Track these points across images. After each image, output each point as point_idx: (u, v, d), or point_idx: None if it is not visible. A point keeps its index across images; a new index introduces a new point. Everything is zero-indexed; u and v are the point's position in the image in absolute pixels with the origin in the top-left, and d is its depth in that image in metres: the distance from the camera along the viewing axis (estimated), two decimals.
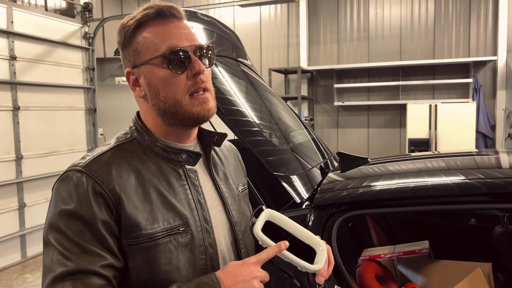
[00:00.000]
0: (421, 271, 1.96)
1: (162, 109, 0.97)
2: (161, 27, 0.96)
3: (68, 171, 0.93)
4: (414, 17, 7.45)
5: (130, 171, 0.94)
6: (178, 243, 0.94)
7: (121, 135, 1.03)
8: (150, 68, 0.96)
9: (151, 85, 0.97)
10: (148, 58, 0.95)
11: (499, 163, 2.08)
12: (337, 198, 1.73)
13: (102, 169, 0.92)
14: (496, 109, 7.02)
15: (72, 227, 0.87)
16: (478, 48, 7.14)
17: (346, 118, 8.03)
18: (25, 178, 5.09)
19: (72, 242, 0.86)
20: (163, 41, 0.95)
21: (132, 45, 0.98)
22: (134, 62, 0.98)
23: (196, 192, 1.01)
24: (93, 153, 0.97)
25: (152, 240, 0.91)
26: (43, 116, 5.34)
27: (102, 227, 0.88)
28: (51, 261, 0.86)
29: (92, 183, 0.89)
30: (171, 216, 0.94)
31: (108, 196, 0.89)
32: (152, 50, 0.95)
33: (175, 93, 0.95)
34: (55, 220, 0.88)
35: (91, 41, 6.01)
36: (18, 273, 4.80)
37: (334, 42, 7.95)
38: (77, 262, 0.85)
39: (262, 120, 2.08)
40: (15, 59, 4.94)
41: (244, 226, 1.12)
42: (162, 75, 0.95)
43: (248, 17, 8.32)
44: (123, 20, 0.99)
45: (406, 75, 7.44)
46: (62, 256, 0.85)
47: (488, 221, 2.35)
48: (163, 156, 0.99)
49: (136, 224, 0.90)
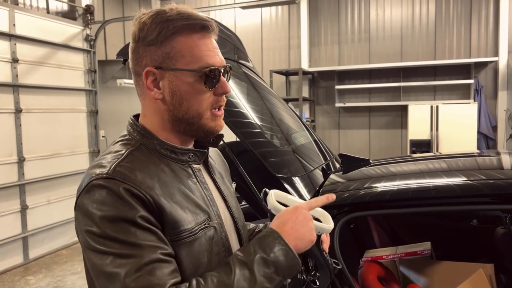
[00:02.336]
0: (423, 272, 1.96)
1: (180, 117, 0.99)
2: (202, 42, 0.97)
3: (93, 181, 0.90)
4: (415, 18, 7.45)
5: (152, 175, 0.94)
6: (208, 236, 0.97)
7: (125, 142, 1.01)
8: (181, 77, 0.96)
9: (175, 93, 0.97)
10: (182, 67, 0.95)
11: (500, 164, 2.08)
12: (339, 199, 1.73)
13: (130, 174, 0.91)
14: (498, 110, 7.02)
15: (121, 230, 0.85)
16: (479, 49, 7.14)
17: (347, 120, 8.03)
18: (27, 181, 5.10)
19: (126, 243, 0.84)
20: (202, 57, 0.96)
21: (165, 46, 0.95)
22: (161, 64, 0.96)
23: (205, 189, 1.04)
24: (109, 161, 0.94)
25: (193, 234, 0.94)
26: (45, 118, 5.35)
27: (148, 223, 0.88)
28: (112, 267, 0.83)
29: (126, 187, 0.88)
30: (198, 211, 0.98)
31: (146, 197, 0.89)
32: (188, 61, 0.95)
33: (199, 106, 0.98)
34: (98, 229, 0.85)
35: (93, 43, 6.02)
36: (21, 275, 4.81)
37: (335, 44, 7.95)
38: (140, 255, 0.84)
39: (264, 121, 2.09)
40: (17, 62, 4.96)
41: (242, 222, 1.16)
42: (193, 87, 0.96)
43: (249, 19, 8.33)
44: (153, 14, 0.96)
45: (407, 76, 7.44)
46: (123, 258, 0.83)
47: (490, 222, 2.34)
48: (172, 158, 1.01)
49: (177, 221, 0.92)
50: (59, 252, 5.53)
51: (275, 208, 1.04)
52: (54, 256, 5.40)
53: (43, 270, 4.93)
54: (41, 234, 5.36)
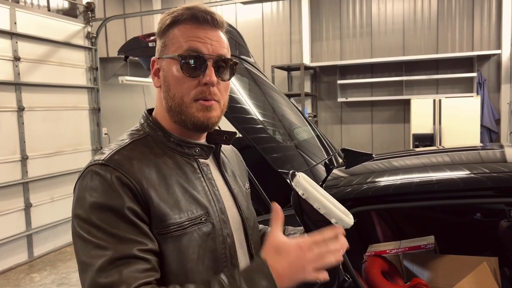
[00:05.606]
0: (427, 266, 1.96)
1: (170, 105, 1.00)
2: (190, 29, 0.99)
3: (89, 166, 0.93)
4: (417, 11, 7.41)
5: (150, 165, 0.95)
6: (202, 232, 0.96)
7: (133, 132, 1.04)
8: (169, 64, 1.00)
9: (165, 80, 1.01)
10: (170, 54, 0.99)
11: (504, 157, 2.07)
12: (342, 194, 1.73)
13: (125, 162, 0.93)
14: (501, 103, 6.98)
15: (105, 219, 0.87)
16: (482, 42, 7.10)
17: (349, 114, 8.02)
18: (31, 178, 5.12)
19: (107, 233, 0.86)
20: (185, 42, 0.98)
21: (164, 38, 1.02)
22: (159, 54, 1.03)
23: (211, 185, 1.04)
24: (110, 148, 0.97)
25: (181, 228, 0.93)
26: (48, 116, 5.36)
27: (134, 216, 0.89)
28: (88, 257, 0.85)
29: (118, 175, 0.90)
30: (194, 206, 0.97)
31: (135, 186, 0.90)
32: (175, 48, 0.99)
33: (183, 94, 0.98)
34: (85, 215, 0.88)
35: (94, 41, 6.02)
36: (25, 272, 4.84)
37: (336, 38, 7.92)
38: (116, 249, 0.85)
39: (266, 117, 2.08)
40: (19, 60, 4.96)
41: (252, 223, 1.14)
42: (175, 74, 0.99)
43: (250, 14, 8.31)
44: (169, 11, 1.03)
45: (410, 70, 7.41)
46: (100, 248, 0.85)
47: (493, 215, 2.34)
48: (177, 150, 1.02)
49: (165, 214, 0.92)
50: (64, 249, 5.56)
51: (299, 183, 1.03)
52: (58, 253, 5.43)
53: (48, 268, 4.96)
54: (45, 231, 5.39)
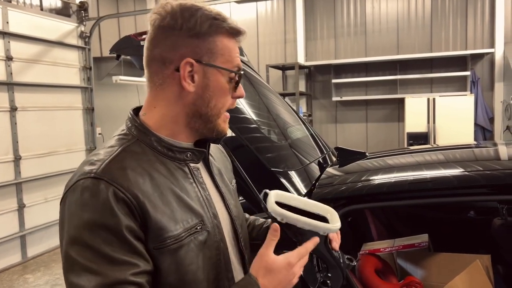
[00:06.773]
0: (421, 264, 1.96)
1: (203, 113, 0.98)
2: (233, 43, 1.00)
3: (81, 180, 0.88)
4: (411, 10, 7.44)
5: (144, 174, 0.91)
6: (198, 241, 0.95)
7: (121, 137, 0.98)
8: (216, 74, 0.98)
9: (208, 89, 0.97)
10: (221, 65, 0.97)
11: (497, 155, 2.08)
12: (336, 192, 1.73)
13: (119, 175, 0.88)
14: (494, 102, 7.02)
15: (97, 238, 0.83)
16: (476, 40, 7.14)
17: (344, 113, 8.03)
18: (24, 179, 5.08)
19: (98, 254, 0.82)
20: (235, 59, 1.00)
21: (208, 42, 0.96)
22: (202, 58, 0.96)
23: (202, 190, 1.02)
24: (100, 158, 0.92)
25: (178, 241, 0.91)
26: (41, 116, 5.32)
27: (129, 234, 0.85)
28: (78, 279, 0.81)
29: (114, 190, 0.85)
30: (189, 215, 0.95)
31: (131, 202, 0.86)
32: (226, 60, 0.98)
33: (222, 105, 1.00)
34: (76, 233, 0.84)
35: (88, 40, 5.98)
36: (19, 273, 4.80)
37: (331, 37, 7.93)
38: (106, 274, 0.81)
39: (260, 116, 2.08)
40: (12, 60, 4.92)
41: (241, 220, 1.14)
42: (223, 86, 0.99)
43: (245, 13, 8.30)
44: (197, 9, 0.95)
45: (404, 69, 7.44)
46: (90, 272, 0.81)
47: (487, 213, 2.35)
48: (168, 156, 0.98)
49: (162, 228, 0.89)
50: (57, 250, 5.52)
51: (275, 211, 1.00)
52: (52, 254, 5.39)
53: (42, 268, 4.93)
54: (39, 232, 5.35)
